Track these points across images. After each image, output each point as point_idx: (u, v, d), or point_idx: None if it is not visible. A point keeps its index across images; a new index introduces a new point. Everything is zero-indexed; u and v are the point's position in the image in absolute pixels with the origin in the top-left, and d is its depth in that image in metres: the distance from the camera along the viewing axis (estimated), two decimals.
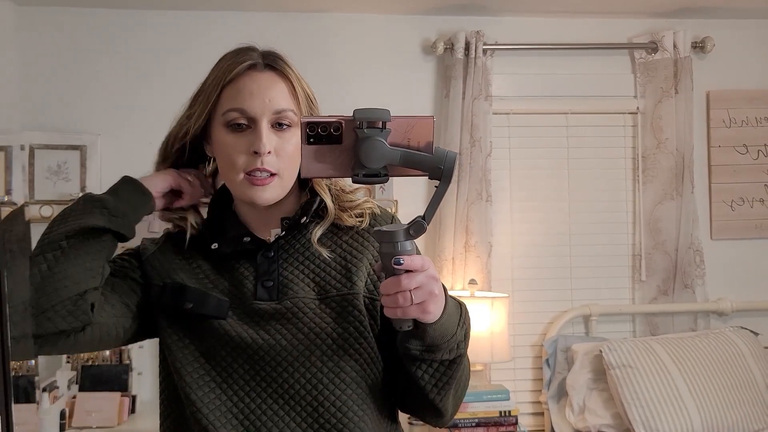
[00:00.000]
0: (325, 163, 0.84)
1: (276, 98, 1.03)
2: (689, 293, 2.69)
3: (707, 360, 2.38)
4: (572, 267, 2.77)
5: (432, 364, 0.98)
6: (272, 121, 1.03)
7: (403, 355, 0.98)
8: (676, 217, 2.70)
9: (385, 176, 0.84)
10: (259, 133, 1.01)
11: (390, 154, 0.83)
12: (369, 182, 0.85)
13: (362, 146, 0.82)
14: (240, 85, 1.03)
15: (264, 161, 1.01)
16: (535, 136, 2.78)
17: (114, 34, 2.60)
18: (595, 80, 2.79)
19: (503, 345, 2.38)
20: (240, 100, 1.02)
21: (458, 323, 0.97)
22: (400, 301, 0.85)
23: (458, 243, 2.62)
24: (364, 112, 0.82)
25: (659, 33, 2.73)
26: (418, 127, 0.84)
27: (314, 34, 2.66)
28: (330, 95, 1.16)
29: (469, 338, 1.01)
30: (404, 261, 0.85)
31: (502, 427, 2.32)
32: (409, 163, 0.83)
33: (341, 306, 1.02)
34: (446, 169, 0.83)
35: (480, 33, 2.63)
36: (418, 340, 0.93)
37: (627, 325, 2.77)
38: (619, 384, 2.31)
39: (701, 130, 2.81)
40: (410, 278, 0.85)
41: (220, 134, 1.04)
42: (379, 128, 0.83)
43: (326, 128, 0.83)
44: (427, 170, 0.84)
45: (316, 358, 0.99)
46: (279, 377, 0.98)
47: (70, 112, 2.57)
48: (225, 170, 1.06)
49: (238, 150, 1.03)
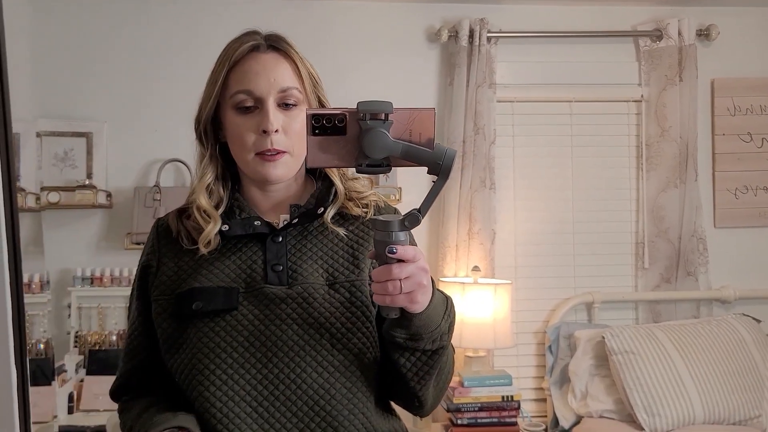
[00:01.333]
0: (330, 154, 0.87)
1: (280, 77, 1.06)
2: (692, 281, 2.70)
3: (709, 346, 2.39)
4: (575, 254, 2.77)
5: (414, 353, 1.01)
6: (278, 100, 1.06)
7: (387, 342, 1.01)
8: (679, 205, 2.70)
9: (387, 167, 0.88)
10: (266, 112, 1.04)
11: (392, 146, 0.86)
12: (372, 172, 0.88)
13: (365, 137, 0.85)
14: (245, 66, 1.06)
15: (273, 140, 1.04)
16: (539, 123, 2.78)
17: (120, 23, 2.61)
18: (599, 68, 2.79)
19: (506, 331, 2.40)
20: (246, 82, 1.05)
21: (443, 316, 1.00)
22: (390, 289, 0.89)
23: (462, 230, 2.63)
24: (367, 104, 0.85)
25: (664, 20, 2.73)
26: (420, 119, 0.87)
27: (318, 22, 2.67)
28: (334, 83, 1.16)
29: (452, 331, 1.04)
30: (397, 250, 0.88)
31: (504, 411, 2.34)
32: (410, 157, 0.87)
33: (350, 292, 1.05)
34: (444, 166, 0.86)
35: (484, 21, 2.63)
36: (402, 329, 0.97)
37: (630, 313, 2.77)
38: (621, 370, 2.32)
39: (705, 118, 2.81)
40: (401, 268, 0.88)
41: (230, 117, 1.07)
42: (382, 120, 0.85)
43: (331, 120, 0.86)
44: (426, 165, 0.87)
45: (326, 341, 1.01)
46: (291, 362, 0.99)
47: (76, 100, 2.59)
48: (237, 151, 1.08)
49: (248, 130, 1.05)
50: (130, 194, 2.57)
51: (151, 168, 2.60)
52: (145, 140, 2.60)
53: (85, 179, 2.52)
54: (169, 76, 2.58)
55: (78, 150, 2.57)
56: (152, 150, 2.60)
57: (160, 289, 1.07)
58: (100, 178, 2.57)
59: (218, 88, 1.07)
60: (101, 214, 2.58)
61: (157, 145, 2.60)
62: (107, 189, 2.56)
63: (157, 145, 2.60)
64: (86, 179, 2.52)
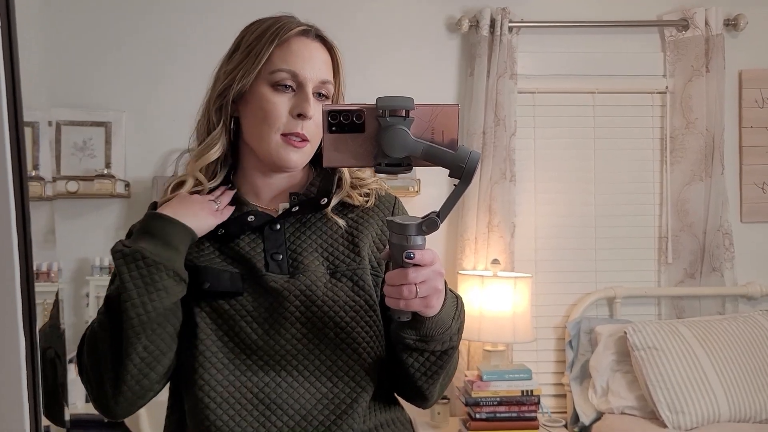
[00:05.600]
0: (347, 152, 0.84)
1: (324, 68, 1.05)
2: (717, 276, 2.64)
3: (735, 343, 2.34)
4: (597, 248, 2.73)
5: (423, 354, 0.99)
6: (316, 89, 1.04)
7: (395, 342, 1.00)
8: (704, 198, 2.65)
9: (408, 166, 0.84)
10: (308, 97, 1.02)
11: (413, 145, 0.82)
12: (391, 172, 0.84)
13: (385, 135, 0.82)
14: (294, 47, 1.04)
15: (304, 126, 1.02)
16: (561, 115, 2.73)
17: (140, 11, 2.60)
18: (623, 59, 2.73)
19: (526, 325, 2.36)
20: (292, 62, 1.03)
21: (453, 316, 0.98)
22: (405, 293, 0.86)
23: (481, 222, 2.60)
24: (387, 100, 0.82)
25: (690, 10, 2.66)
26: (443, 116, 0.83)
27: (336, 11, 2.64)
28: (352, 74, 1.13)
29: (462, 332, 1.03)
30: (415, 255, 0.85)
31: (524, 406, 2.31)
32: (431, 158, 0.82)
33: (352, 280, 1.03)
34: (467, 170, 0.82)
35: (506, 10, 2.59)
36: (413, 330, 0.95)
37: (652, 308, 2.72)
38: (643, 366, 2.28)
39: (732, 110, 2.74)
40: (417, 272, 0.86)
41: (263, 92, 1.03)
42: (402, 117, 0.82)
43: (348, 116, 0.83)
44: (448, 167, 0.83)
45: (329, 330, 0.99)
46: (294, 349, 0.98)
47: (95, 89, 2.59)
48: (259, 129, 1.04)
49: (281, 110, 1.02)
50: (149, 184, 2.57)
51: (169, 158, 2.59)
52: (163, 130, 2.60)
53: (103, 169, 2.53)
54: (188, 66, 2.57)
55: (97, 139, 2.57)
56: (171, 140, 2.59)
57: None
58: (118, 168, 2.57)
59: (262, 62, 1.03)
60: (120, 204, 2.58)
61: (176, 135, 2.58)
62: (126, 179, 2.56)
63: (175, 135, 2.58)
64: (105, 169, 2.53)
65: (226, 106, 1.06)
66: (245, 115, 1.06)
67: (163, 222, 0.98)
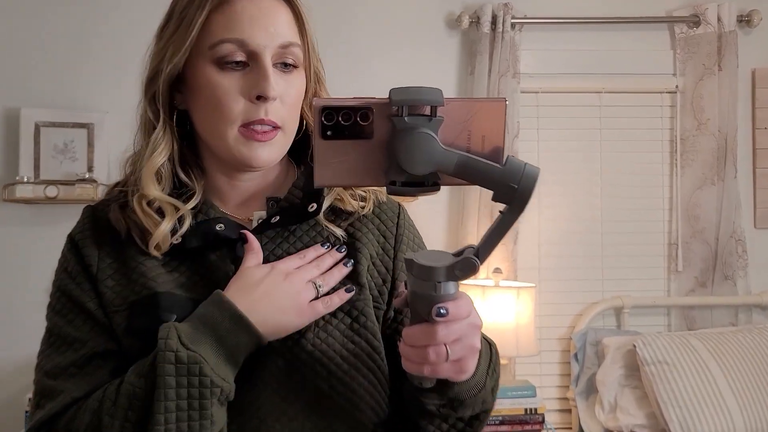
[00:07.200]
0: (349, 166, 0.62)
1: (282, 28, 0.81)
2: (730, 285, 2.53)
3: (750, 357, 2.22)
4: (603, 256, 2.61)
5: (448, 420, 0.80)
6: (276, 58, 0.81)
7: (410, 404, 0.80)
8: (716, 203, 2.53)
9: (435, 186, 0.62)
10: (266, 72, 0.79)
11: (442, 156, 0.60)
12: (410, 193, 0.62)
13: (402, 142, 0.60)
14: (237, 7, 0.79)
15: (269, 110, 0.79)
16: (566, 116, 2.62)
17: (123, 7, 2.49)
18: (631, 57, 2.62)
19: (529, 338, 2.25)
20: (237, 29, 0.79)
21: (488, 372, 0.79)
22: (432, 357, 0.66)
23: (482, 229, 2.47)
24: (405, 93, 0.59)
25: (702, 5, 2.55)
26: (484, 114, 0.61)
27: (331, 8, 2.52)
28: (347, 72, 1.04)
29: (498, 389, 0.83)
30: (448, 311, 0.64)
31: (527, 425, 2.19)
32: (468, 175, 0.61)
33: (350, 315, 0.82)
34: (522, 192, 0.61)
35: (508, 6, 2.48)
36: (436, 395, 0.76)
37: (662, 319, 2.61)
38: (654, 381, 2.16)
39: (746, 110, 2.63)
40: (449, 328, 0.65)
41: (207, 74, 0.80)
42: (427, 116, 0.60)
43: (350, 116, 0.61)
44: (492, 187, 0.61)
45: (321, 381, 0.78)
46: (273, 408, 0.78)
47: (77, 88, 2.47)
48: (212, 123, 0.82)
49: (234, 94, 0.79)
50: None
51: None
52: None
53: (85, 172, 2.40)
54: None
55: (79, 142, 2.45)
56: None
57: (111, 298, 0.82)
58: (101, 172, 2.45)
59: (194, 34, 0.79)
60: None
61: None
62: (108, 183, 2.44)
63: None
64: (87, 173, 2.41)
65: (162, 96, 0.83)
66: (193, 106, 0.84)
67: (238, 327, 0.75)
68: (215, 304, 0.76)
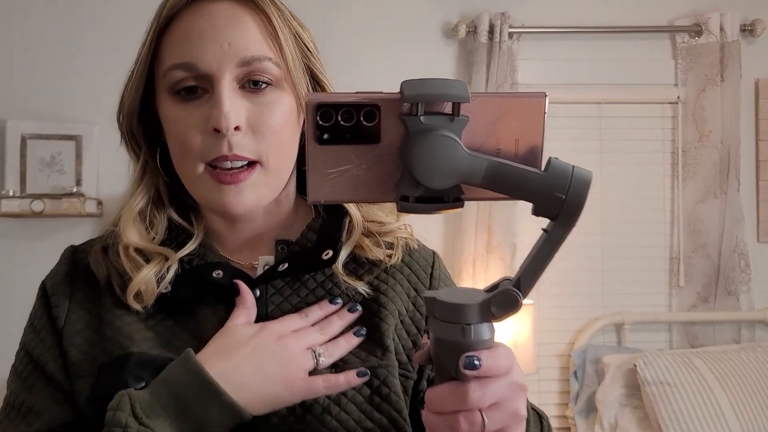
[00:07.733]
0: (350, 177, 0.51)
1: (241, 40, 0.68)
2: (733, 300, 2.48)
3: (753, 377, 2.17)
4: (603, 271, 2.56)
5: None
6: (240, 77, 0.68)
7: None
8: (719, 217, 2.48)
9: (458, 201, 0.51)
10: (218, 98, 0.66)
11: (467, 164, 0.49)
12: (427, 211, 0.50)
13: (417, 148, 0.49)
14: (185, 23, 0.69)
15: (232, 143, 0.67)
16: (565, 127, 2.56)
17: (111, 18, 2.43)
18: (631, 67, 2.57)
19: (528, 355, 2.21)
20: (185, 50, 0.68)
21: None
22: (463, 426, 0.51)
23: (479, 244, 2.43)
24: (421, 87, 0.48)
25: (704, 15, 2.50)
26: (519, 112, 0.50)
27: (324, 14, 2.47)
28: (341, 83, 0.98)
29: None
30: (482, 363, 0.51)
31: None
32: (502, 185, 0.50)
33: (370, 385, 0.68)
34: (571, 202, 0.51)
35: (505, 15, 2.43)
36: None
37: (663, 335, 2.55)
38: (655, 402, 2.11)
39: (749, 121, 2.57)
40: (484, 388, 0.52)
41: (165, 106, 0.71)
42: (448, 115, 0.49)
43: (351, 115, 0.49)
44: (531, 198, 0.51)
45: None
46: None
47: (65, 100, 2.41)
48: (178, 163, 0.72)
49: (190, 128, 0.68)
50: (123, 203, 2.40)
51: None
52: None
53: (73, 186, 2.35)
54: None
55: (66, 154, 2.40)
56: None
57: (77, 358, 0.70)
58: (90, 185, 2.40)
59: (147, 62, 0.70)
60: (91, 224, 2.40)
61: None
62: (97, 197, 2.39)
63: None
64: (75, 186, 2.35)
65: (134, 133, 0.75)
66: (167, 141, 0.73)
67: (207, 396, 0.61)
68: (182, 366, 0.63)
